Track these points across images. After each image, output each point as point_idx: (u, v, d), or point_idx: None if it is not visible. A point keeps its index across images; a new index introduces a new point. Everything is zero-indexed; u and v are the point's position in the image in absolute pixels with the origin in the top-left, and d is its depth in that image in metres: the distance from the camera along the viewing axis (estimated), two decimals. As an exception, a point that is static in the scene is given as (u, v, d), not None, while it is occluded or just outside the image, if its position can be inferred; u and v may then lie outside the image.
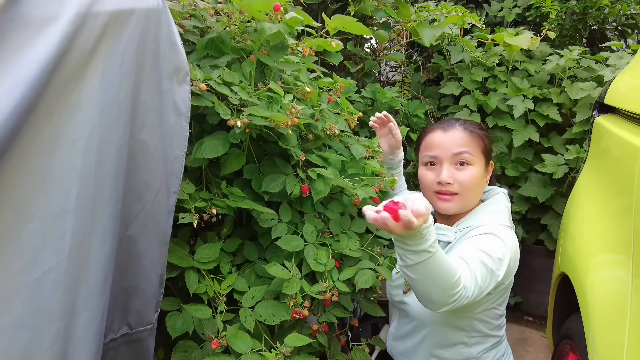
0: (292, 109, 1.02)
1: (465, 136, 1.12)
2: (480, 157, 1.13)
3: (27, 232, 0.63)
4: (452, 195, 1.11)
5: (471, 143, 1.11)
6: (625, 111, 1.10)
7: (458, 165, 1.11)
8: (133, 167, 0.81)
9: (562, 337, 1.21)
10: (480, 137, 1.14)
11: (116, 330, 0.88)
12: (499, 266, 0.96)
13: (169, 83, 0.86)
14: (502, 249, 0.99)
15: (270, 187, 1.10)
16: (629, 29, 2.47)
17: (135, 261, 0.86)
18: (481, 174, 1.13)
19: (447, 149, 1.11)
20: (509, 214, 1.15)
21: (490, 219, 1.09)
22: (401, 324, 1.22)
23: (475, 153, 1.11)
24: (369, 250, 1.17)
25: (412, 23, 1.91)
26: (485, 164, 1.14)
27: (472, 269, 0.91)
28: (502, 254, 0.98)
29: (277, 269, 1.03)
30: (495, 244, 0.99)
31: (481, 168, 1.13)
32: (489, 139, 1.17)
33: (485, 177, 1.16)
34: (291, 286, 1.00)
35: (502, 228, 1.06)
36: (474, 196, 1.13)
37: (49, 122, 0.65)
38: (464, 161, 1.10)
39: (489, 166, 1.17)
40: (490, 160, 1.17)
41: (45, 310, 0.65)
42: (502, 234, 1.03)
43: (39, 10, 0.63)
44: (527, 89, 1.94)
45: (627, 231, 0.89)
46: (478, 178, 1.12)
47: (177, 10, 1.09)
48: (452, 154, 1.11)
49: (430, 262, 0.79)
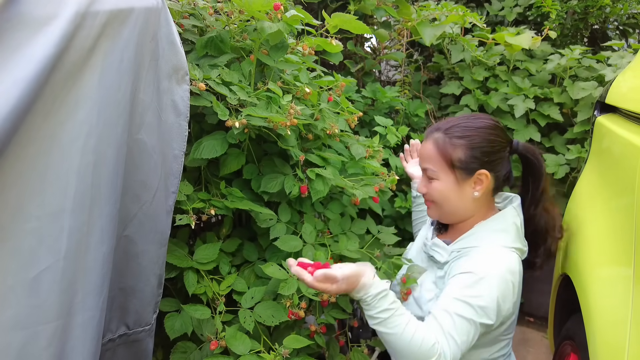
0: (290, 110, 1.01)
1: (430, 150, 1.04)
2: (446, 172, 1.02)
3: (24, 231, 0.63)
4: (431, 202, 1.08)
5: (434, 158, 1.03)
6: (626, 111, 1.09)
7: (428, 180, 1.07)
8: (131, 166, 0.80)
9: (563, 337, 1.20)
10: (450, 149, 1.01)
11: (114, 330, 0.88)
12: (482, 313, 0.89)
13: (168, 82, 0.86)
14: (485, 292, 0.90)
15: (269, 186, 1.10)
16: (630, 29, 2.46)
17: (133, 261, 0.86)
18: (450, 187, 1.03)
19: (420, 161, 1.10)
20: (517, 231, 1.03)
21: (492, 239, 1.01)
22: None
23: (438, 168, 1.03)
24: (368, 252, 1.16)
25: (413, 22, 1.91)
26: (457, 177, 1.02)
27: (446, 330, 0.87)
28: (484, 299, 0.89)
29: (274, 269, 1.02)
30: (476, 289, 0.90)
31: (448, 182, 1.03)
32: (468, 149, 1.01)
33: (463, 189, 1.02)
34: (288, 287, 0.99)
35: (495, 258, 0.96)
36: (454, 208, 1.05)
37: (47, 121, 0.65)
38: (429, 176, 1.06)
39: (475, 177, 1.01)
40: (478, 170, 1.01)
41: (41, 310, 0.65)
42: (488, 270, 0.93)
43: (38, 9, 0.62)
44: (528, 88, 1.94)
45: (629, 231, 0.88)
46: (446, 192, 1.03)
47: (176, 9, 1.08)
48: (422, 167, 1.09)
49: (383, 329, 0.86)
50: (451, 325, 0.87)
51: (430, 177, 1.06)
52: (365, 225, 1.24)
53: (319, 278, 0.86)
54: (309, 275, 0.85)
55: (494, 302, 0.91)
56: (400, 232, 1.60)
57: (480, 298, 0.90)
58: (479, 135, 1.02)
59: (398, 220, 1.92)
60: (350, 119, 1.31)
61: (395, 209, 1.83)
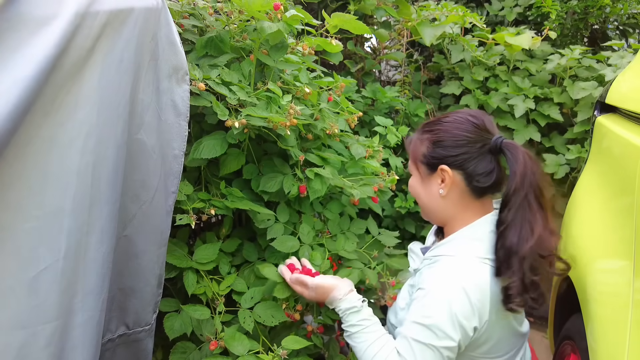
0: (290, 110, 1.01)
1: (407, 145, 1.04)
2: (414, 167, 1.00)
3: (24, 231, 0.63)
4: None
5: (410, 154, 1.02)
6: (626, 111, 1.09)
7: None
8: (131, 166, 0.81)
9: (563, 337, 1.20)
10: (418, 143, 0.99)
11: (114, 330, 0.88)
12: (442, 335, 0.83)
13: (168, 82, 0.86)
14: (435, 309, 0.84)
15: (268, 186, 1.10)
16: (630, 29, 2.46)
17: (133, 261, 0.86)
18: (418, 183, 1.00)
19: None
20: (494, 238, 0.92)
21: (467, 248, 0.92)
22: None
23: (410, 163, 1.02)
24: (366, 252, 1.16)
25: (413, 22, 1.91)
26: (421, 173, 0.98)
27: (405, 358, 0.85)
28: (435, 318, 0.83)
29: (270, 270, 1.02)
30: (427, 307, 0.85)
31: (416, 177, 1.00)
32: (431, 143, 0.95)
33: (430, 186, 0.97)
34: (282, 289, 1.00)
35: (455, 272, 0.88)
36: (426, 206, 1.01)
37: (47, 121, 0.65)
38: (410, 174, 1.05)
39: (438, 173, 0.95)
40: (440, 166, 0.94)
41: (41, 310, 0.65)
42: (442, 285, 0.86)
43: (38, 9, 0.62)
44: (528, 88, 1.94)
45: (629, 231, 0.88)
46: (416, 188, 1.01)
47: (176, 9, 1.08)
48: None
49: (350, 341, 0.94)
50: (410, 355, 0.84)
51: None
52: (364, 225, 1.23)
53: (292, 280, 1.00)
54: (288, 274, 0.98)
55: (449, 320, 0.83)
56: (400, 232, 1.60)
57: (431, 318, 0.84)
58: (443, 129, 0.95)
59: (398, 220, 1.92)
60: (350, 119, 1.31)
61: (395, 209, 1.83)
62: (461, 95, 2.05)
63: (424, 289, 0.88)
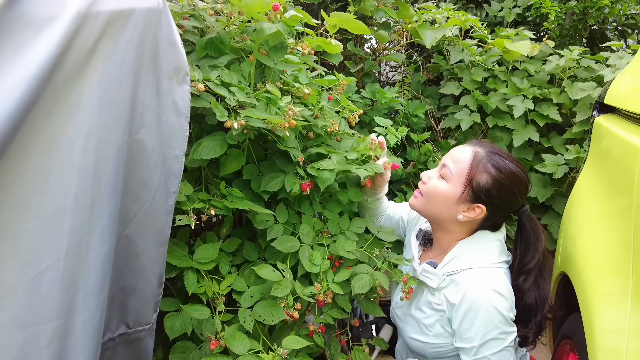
0: (289, 112, 1.02)
1: (465, 156, 1.06)
2: (459, 182, 1.05)
3: (25, 230, 0.63)
4: (421, 194, 1.12)
5: (461, 165, 1.06)
6: (625, 111, 1.09)
7: (440, 175, 1.10)
8: (131, 166, 0.81)
9: (562, 337, 1.20)
10: (481, 169, 1.03)
11: (114, 330, 0.88)
12: (506, 335, 0.99)
13: (169, 83, 0.86)
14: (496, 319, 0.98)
15: (269, 186, 1.10)
16: (629, 29, 2.47)
17: (133, 261, 0.86)
18: (449, 195, 1.05)
19: (445, 157, 1.12)
20: (500, 244, 1.09)
21: (478, 259, 1.05)
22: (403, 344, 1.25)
23: (456, 174, 1.05)
24: (367, 252, 1.16)
25: (413, 24, 1.91)
26: (462, 194, 1.05)
27: None
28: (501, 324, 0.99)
29: (267, 271, 1.02)
30: (488, 324, 0.98)
31: (453, 191, 1.05)
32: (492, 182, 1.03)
33: (456, 206, 1.06)
34: (281, 288, 1.00)
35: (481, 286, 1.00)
36: (436, 212, 1.09)
37: (48, 121, 0.65)
38: (443, 174, 1.08)
39: (473, 206, 1.05)
40: (479, 203, 1.05)
41: (42, 309, 0.65)
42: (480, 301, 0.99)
43: (40, 10, 0.63)
44: (527, 89, 1.94)
45: (627, 230, 0.89)
46: (443, 195, 1.06)
47: (176, 10, 1.09)
48: (441, 164, 1.11)
49: None
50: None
51: (442, 175, 1.08)
52: (363, 224, 1.23)
53: None
54: None
55: (503, 320, 0.99)
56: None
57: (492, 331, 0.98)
58: (508, 179, 1.04)
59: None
60: (351, 118, 1.32)
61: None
62: (460, 96, 2.06)
63: (465, 311, 1.01)
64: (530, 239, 1.08)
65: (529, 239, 1.08)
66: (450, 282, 1.06)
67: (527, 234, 1.09)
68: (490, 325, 0.98)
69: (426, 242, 1.21)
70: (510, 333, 1.00)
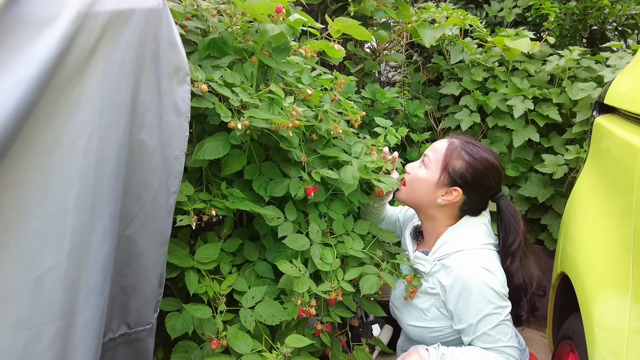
0: (292, 112, 1.02)
1: (442, 145, 1.16)
2: (436, 168, 1.14)
3: (27, 231, 0.63)
4: (404, 184, 1.22)
5: (438, 153, 1.15)
6: (625, 111, 1.10)
7: (420, 165, 1.20)
8: (132, 166, 0.81)
9: (562, 337, 1.21)
10: (455, 155, 1.13)
11: (115, 330, 0.88)
12: (501, 309, 1.04)
13: (169, 83, 0.86)
14: (488, 295, 1.03)
15: (275, 191, 1.11)
16: (629, 29, 2.47)
17: (134, 261, 0.86)
18: (428, 181, 1.15)
19: (428, 149, 1.21)
20: (486, 228, 1.16)
21: (466, 241, 1.12)
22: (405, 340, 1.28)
23: (434, 161, 1.15)
24: (371, 253, 1.16)
25: (413, 24, 1.91)
26: (439, 179, 1.13)
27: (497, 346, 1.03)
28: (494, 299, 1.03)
29: (287, 266, 1.04)
30: (482, 300, 1.03)
31: (431, 177, 1.15)
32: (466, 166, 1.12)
33: (435, 190, 1.14)
34: (301, 284, 1.01)
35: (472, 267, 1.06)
36: (418, 198, 1.18)
37: (49, 121, 0.65)
38: (424, 163, 1.18)
39: (450, 189, 1.13)
40: (455, 186, 1.13)
41: (45, 310, 0.65)
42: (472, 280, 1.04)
43: (40, 10, 0.63)
44: (527, 89, 1.94)
45: (627, 231, 0.89)
46: (422, 181, 1.16)
47: (179, 10, 1.09)
48: (423, 155, 1.21)
49: None
50: (494, 341, 1.03)
51: (423, 164, 1.18)
52: (366, 225, 1.24)
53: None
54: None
55: (496, 295, 1.03)
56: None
57: (486, 307, 1.03)
58: (482, 165, 1.13)
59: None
60: (354, 119, 1.32)
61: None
62: (460, 96, 2.06)
63: (458, 291, 1.05)
64: (510, 223, 1.15)
65: (509, 222, 1.15)
66: (441, 267, 1.12)
67: (506, 219, 1.16)
68: (484, 301, 1.03)
69: (418, 235, 1.29)
70: (505, 307, 1.04)
